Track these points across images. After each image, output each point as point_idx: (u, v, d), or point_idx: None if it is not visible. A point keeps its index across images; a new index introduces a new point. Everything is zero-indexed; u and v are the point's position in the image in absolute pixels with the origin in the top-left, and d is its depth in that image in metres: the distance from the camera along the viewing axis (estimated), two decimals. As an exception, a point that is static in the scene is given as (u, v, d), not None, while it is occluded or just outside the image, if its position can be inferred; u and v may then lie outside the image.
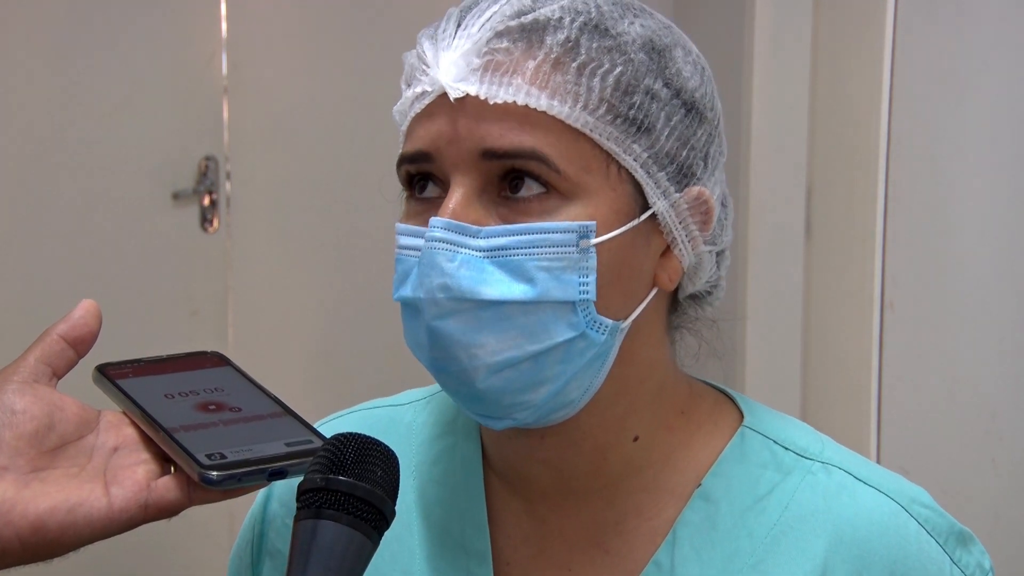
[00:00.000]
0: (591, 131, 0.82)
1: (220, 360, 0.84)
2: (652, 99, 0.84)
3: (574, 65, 0.82)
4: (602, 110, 0.82)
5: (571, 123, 0.82)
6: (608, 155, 0.83)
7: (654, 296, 0.87)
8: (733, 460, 0.91)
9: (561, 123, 0.82)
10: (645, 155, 0.84)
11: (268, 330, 2.99)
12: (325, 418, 1.04)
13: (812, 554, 0.88)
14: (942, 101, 2.22)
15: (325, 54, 2.98)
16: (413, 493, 0.96)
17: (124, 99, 2.80)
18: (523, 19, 0.83)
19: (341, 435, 0.72)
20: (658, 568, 0.89)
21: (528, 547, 0.93)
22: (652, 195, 0.85)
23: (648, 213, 0.85)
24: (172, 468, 0.74)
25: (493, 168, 0.82)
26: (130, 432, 0.76)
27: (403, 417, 1.02)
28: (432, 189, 0.86)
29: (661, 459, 0.91)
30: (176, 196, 2.88)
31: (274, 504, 1.02)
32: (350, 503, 0.68)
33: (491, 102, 0.82)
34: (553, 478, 0.91)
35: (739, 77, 2.63)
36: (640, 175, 0.84)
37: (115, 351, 0.81)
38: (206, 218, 2.92)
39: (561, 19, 0.83)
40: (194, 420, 0.76)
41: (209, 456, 0.72)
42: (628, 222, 0.84)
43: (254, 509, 1.04)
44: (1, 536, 0.69)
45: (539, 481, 0.92)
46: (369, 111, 2.82)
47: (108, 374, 0.80)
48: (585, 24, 0.83)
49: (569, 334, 0.82)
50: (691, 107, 0.86)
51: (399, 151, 0.87)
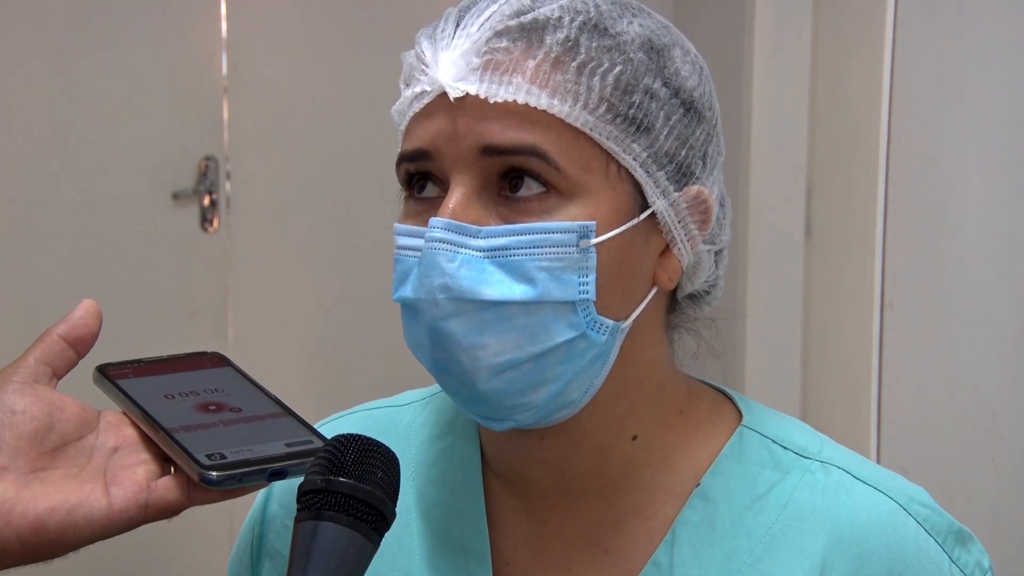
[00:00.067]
0: (591, 130, 0.82)
1: (220, 360, 0.84)
2: (651, 98, 0.84)
3: (574, 64, 0.82)
4: (602, 109, 0.82)
5: (571, 122, 0.82)
6: (607, 154, 0.83)
7: (653, 296, 0.87)
8: (732, 459, 0.91)
9: (561, 122, 0.82)
10: (644, 154, 0.84)
11: (268, 330, 2.99)
12: (324, 419, 1.04)
13: (811, 553, 0.87)
14: (942, 101, 2.22)
15: (325, 54, 2.97)
16: (412, 494, 0.96)
17: (124, 99, 2.80)
18: (522, 18, 0.83)
19: (342, 436, 0.72)
20: (657, 568, 0.89)
21: (527, 547, 0.93)
22: (651, 194, 0.85)
23: (647, 212, 0.85)
24: (172, 468, 0.74)
25: (493, 166, 0.82)
26: (130, 432, 0.76)
27: (402, 418, 1.01)
28: (431, 189, 0.85)
29: (660, 459, 0.91)
30: (176, 196, 2.88)
31: (273, 505, 1.02)
32: (351, 504, 0.68)
33: (491, 101, 0.81)
34: (553, 478, 0.91)
35: (739, 77, 2.63)
36: (639, 174, 0.84)
37: (115, 351, 0.81)
38: (206, 218, 2.92)
39: (560, 18, 0.83)
40: (194, 420, 0.76)
41: (209, 456, 0.72)
42: (628, 221, 0.84)
43: (253, 510, 1.04)
44: (1, 536, 0.69)
45: (538, 481, 0.92)
46: (369, 111, 2.82)
47: (108, 374, 0.80)
48: (584, 23, 0.83)
49: (570, 334, 0.82)
50: (690, 106, 0.86)
51: (398, 151, 0.87)
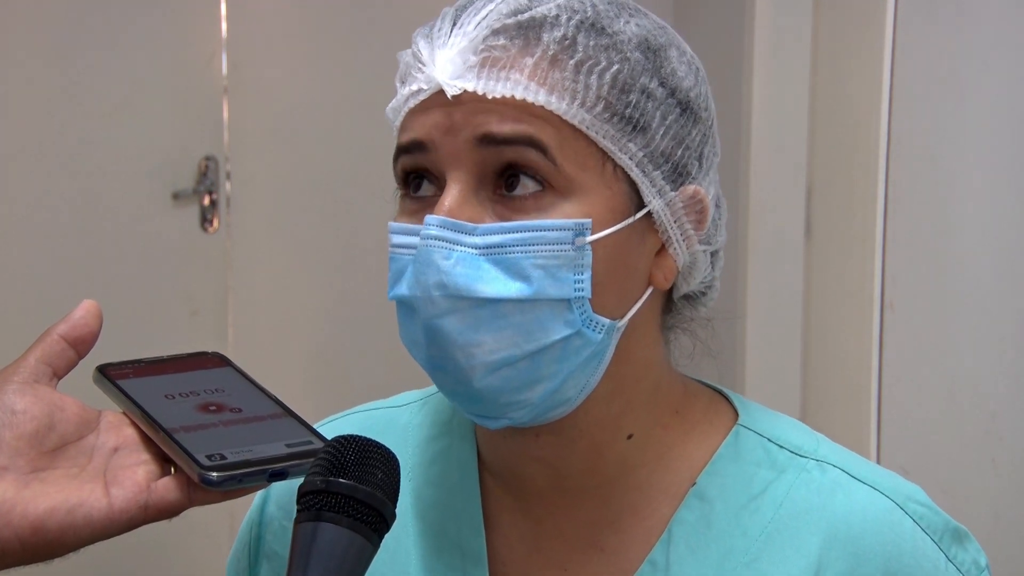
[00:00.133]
0: (588, 128, 0.82)
1: (221, 361, 0.84)
2: (648, 98, 0.84)
3: (572, 62, 0.82)
4: (599, 108, 0.82)
5: (569, 119, 0.82)
6: (604, 153, 0.83)
7: (649, 295, 0.87)
8: (728, 459, 0.91)
9: (558, 119, 0.82)
10: (641, 154, 0.84)
11: (268, 330, 2.99)
12: (322, 420, 1.04)
13: (807, 551, 0.87)
14: (942, 101, 2.22)
15: (325, 54, 2.97)
16: (409, 495, 0.96)
17: (124, 99, 2.80)
18: (520, 17, 0.83)
19: (342, 437, 0.72)
20: (653, 567, 0.89)
21: (524, 547, 0.93)
22: (647, 194, 0.85)
23: (643, 212, 0.85)
24: (172, 469, 0.74)
25: (489, 160, 0.82)
26: (130, 432, 0.76)
27: (400, 419, 1.01)
28: (427, 188, 0.85)
29: (656, 458, 0.91)
30: (176, 196, 2.88)
31: (271, 507, 1.02)
32: (350, 505, 0.68)
33: (489, 96, 0.81)
34: (548, 477, 0.91)
35: (739, 77, 2.63)
36: (635, 174, 0.84)
37: (115, 351, 0.81)
38: (206, 218, 2.92)
39: (558, 17, 0.83)
40: (194, 421, 0.76)
41: (209, 457, 0.72)
42: (623, 220, 0.84)
43: (251, 512, 1.04)
44: (1, 536, 0.69)
45: (534, 480, 0.92)
46: (369, 111, 2.80)
47: (108, 374, 0.80)
48: (582, 22, 0.83)
49: (565, 332, 0.82)
50: (686, 107, 0.86)
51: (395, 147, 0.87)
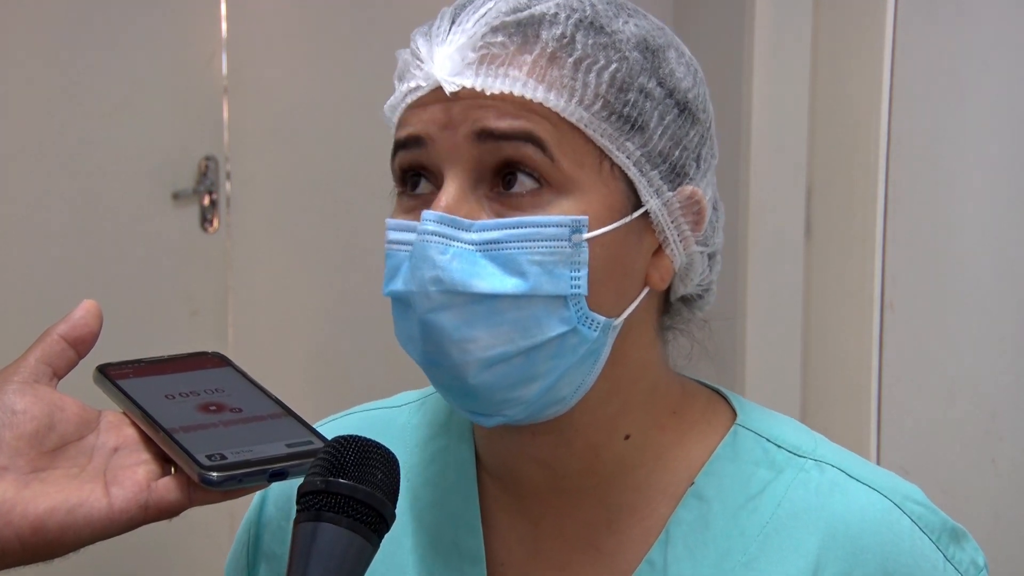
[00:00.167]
0: (586, 126, 0.82)
1: (221, 361, 0.84)
2: (646, 97, 0.84)
3: (570, 60, 0.82)
4: (597, 106, 0.82)
5: (567, 116, 0.82)
6: (601, 152, 0.83)
7: (646, 296, 0.87)
8: (726, 459, 0.91)
9: (556, 116, 0.82)
10: (638, 153, 0.84)
11: (268, 330, 2.99)
12: (320, 421, 1.04)
13: (805, 551, 0.87)
14: (942, 101, 2.22)
15: (325, 54, 2.97)
16: (407, 495, 0.96)
17: (124, 99, 2.80)
18: (519, 15, 0.83)
19: (341, 437, 0.72)
20: (651, 567, 0.89)
21: (522, 547, 0.93)
22: (645, 193, 0.85)
23: (640, 211, 0.85)
24: (172, 469, 0.74)
25: (487, 156, 0.82)
26: (130, 432, 0.76)
27: (397, 419, 1.01)
28: (425, 186, 0.85)
29: (653, 458, 0.91)
30: (176, 196, 2.88)
31: (270, 508, 1.02)
32: (350, 506, 0.68)
33: (487, 92, 0.82)
34: (546, 476, 0.91)
35: (739, 77, 2.63)
36: (633, 173, 0.84)
37: (115, 351, 0.81)
38: (206, 218, 2.92)
39: (557, 15, 0.83)
40: (194, 421, 0.76)
41: (209, 457, 0.72)
42: (621, 219, 0.84)
43: (249, 513, 1.04)
44: (1, 536, 0.69)
45: (532, 480, 0.92)
46: (369, 111, 2.79)
47: (109, 374, 0.80)
48: (581, 21, 0.84)
49: (561, 329, 0.82)
50: (684, 107, 0.87)
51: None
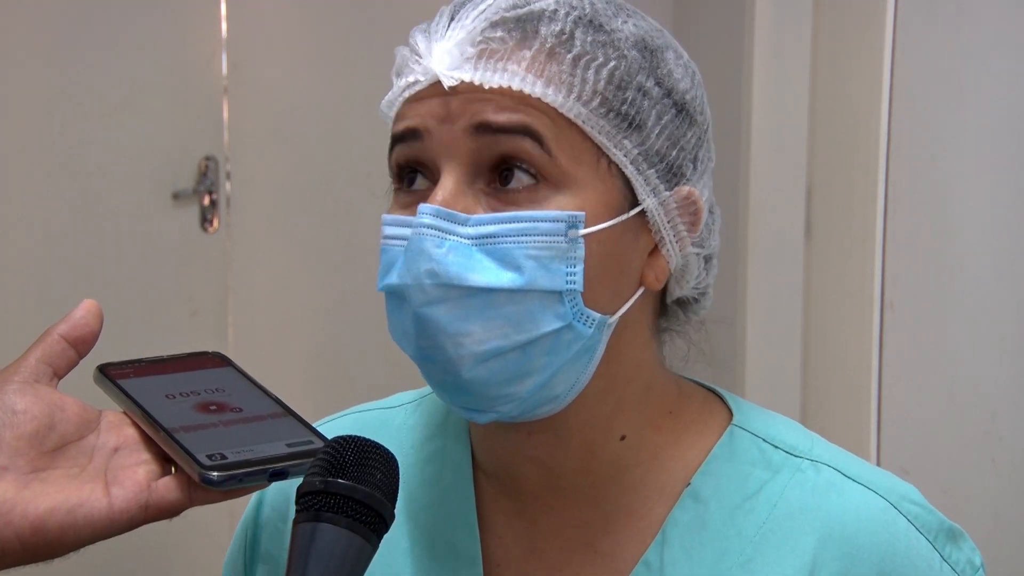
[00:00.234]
0: (584, 123, 0.82)
1: (221, 360, 0.84)
2: (644, 96, 0.84)
3: (569, 56, 0.83)
4: (595, 102, 0.83)
5: (565, 112, 0.82)
6: (598, 149, 0.83)
7: (641, 296, 0.87)
8: (722, 459, 0.91)
9: (554, 111, 0.82)
10: (636, 151, 0.84)
11: (268, 330, 2.99)
12: (316, 422, 1.04)
13: (801, 551, 0.87)
14: (942, 101, 2.22)
15: (325, 54, 2.97)
16: (403, 496, 0.96)
17: (124, 99, 2.80)
18: (518, 11, 0.83)
19: (341, 438, 0.72)
20: (648, 568, 0.89)
21: (519, 548, 0.93)
22: (641, 192, 0.85)
23: (637, 209, 0.85)
24: (173, 468, 0.74)
25: (484, 150, 0.82)
26: (131, 432, 0.76)
27: (394, 419, 1.01)
28: (421, 182, 0.85)
29: (649, 458, 0.91)
30: (176, 196, 2.88)
31: (267, 509, 1.02)
32: (349, 506, 0.68)
33: (486, 86, 0.82)
34: (542, 476, 0.91)
35: (739, 77, 2.63)
36: (630, 171, 0.84)
37: (115, 351, 0.81)
38: (206, 218, 2.92)
39: (556, 11, 0.84)
40: (195, 420, 0.76)
41: (210, 456, 0.72)
42: (617, 216, 0.84)
43: (247, 514, 1.04)
44: (1, 536, 0.69)
45: (528, 480, 0.92)
46: (369, 111, 2.79)
47: (109, 374, 0.80)
48: (580, 18, 0.84)
49: (556, 324, 0.82)
50: (681, 108, 0.87)
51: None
